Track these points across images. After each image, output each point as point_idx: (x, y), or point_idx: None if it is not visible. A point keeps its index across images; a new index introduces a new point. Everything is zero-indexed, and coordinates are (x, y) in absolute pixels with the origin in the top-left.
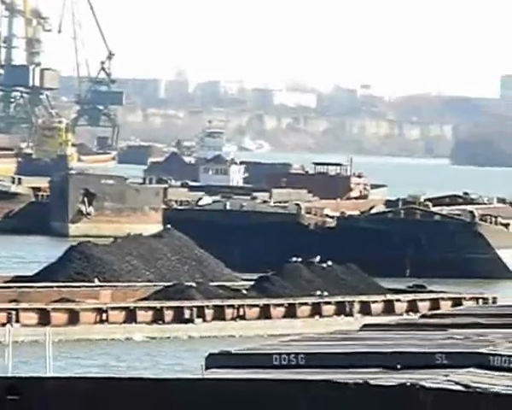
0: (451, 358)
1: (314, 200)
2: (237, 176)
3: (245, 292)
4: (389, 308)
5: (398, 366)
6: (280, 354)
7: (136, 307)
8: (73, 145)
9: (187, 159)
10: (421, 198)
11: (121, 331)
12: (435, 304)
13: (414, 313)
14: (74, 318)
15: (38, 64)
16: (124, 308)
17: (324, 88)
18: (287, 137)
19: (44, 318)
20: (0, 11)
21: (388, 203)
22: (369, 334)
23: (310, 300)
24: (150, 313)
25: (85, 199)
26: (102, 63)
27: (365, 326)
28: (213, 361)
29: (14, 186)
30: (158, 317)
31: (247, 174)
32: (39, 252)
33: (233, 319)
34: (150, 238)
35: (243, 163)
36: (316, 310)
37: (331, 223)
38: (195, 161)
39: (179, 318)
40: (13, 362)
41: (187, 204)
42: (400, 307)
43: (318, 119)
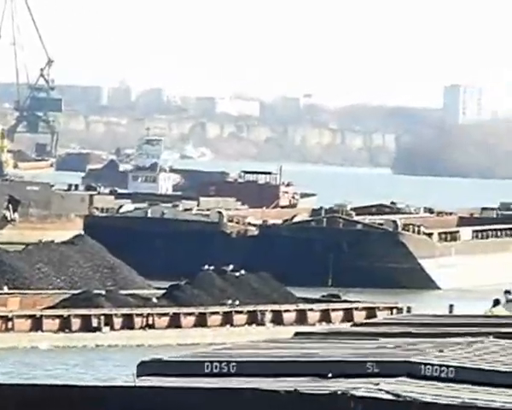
0: (382, 367)
1: (243, 208)
2: (166, 184)
3: (155, 301)
4: (302, 318)
5: (329, 375)
6: (211, 362)
7: (42, 316)
8: (10, 152)
9: (122, 166)
10: (347, 207)
11: (27, 340)
12: (348, 314)
13: (326, 323)
14: None
15: None
16: (30, 316)
17: (267, 97)
18: (229, 145)
19: None
20: None
21: (313, 212)
22: (301, 342)
23: (221, 309)
24: (57, 322)
25: (10, 205)
26: (42, 70)
27: (297, 334)
28: (145, 369)
29: None
30: (65, 325)
31: (184, 182)
32: None
33: (142, 328)
34: (62, 245)
35: (180, 171)
36: (227, 319)
37: (253, 231)
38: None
39: (87, 326)
40: None
41: (108, 211)
42: (313, 317)
43: (261, 127)
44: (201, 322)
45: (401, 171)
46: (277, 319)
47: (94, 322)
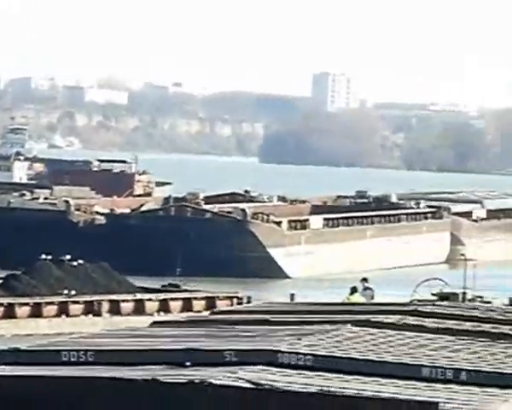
0: (241, 355)
1: (97, 197)
2: (21, 172)
3: None
4: (140, 308)
5: (187, 363)
6: (69, 351)
7: None
8: None
9: None
10: (199, 195)
11: None
12: (188, 304)
13: (165, 313)
14: None
15: None
16: None
17: (136, 85)
18: (97, 134)
19: None
20: None
21: (165, 201)
22: (159, 331)
23: (56, 299)
24: None
25: None
26: None
27: (155, 323)
28: (1, 358)
29: None
30: None
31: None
32: None
33: None
34: None
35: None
36: (63, 309)
37: (101, 220)
38: None
39: None
40: None
41: None
42: (151, 307)
43: (129, 116)
44: (36, 312)
45: (268, 159)
46: (114, 310)
47: None
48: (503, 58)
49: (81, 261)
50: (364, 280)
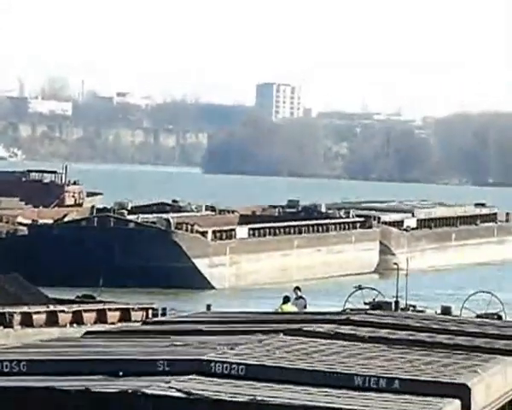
0: (173, 365)
1: (26, 207)
2: None
3: None
4: (52, 319)
5: (120, 373)
6: (2, 361)
7: None
8: None
9: None
10: (127, 205)
11: None
12: (102, 315)
13: (78, 325)
14: None
15: None
16: None
17: (80, 96)
18: (42, 145)
19: None
20: None
21: (90, 211)
22: (92, 341)
23: None
24: None
25: None
26: None
27: (88, 333)
28: None
29: None
30: None
31: None
32: None
33: None
34: None
35: None
36: None
37: (23, 231)
38: None
39: None
40: None
41: None
42: (64, 319)
43: (74, 127)
44: None
45: (211, 169)
46: (26, 321)
47: None
48: (449, 66)
49: None
50: (297, 289)
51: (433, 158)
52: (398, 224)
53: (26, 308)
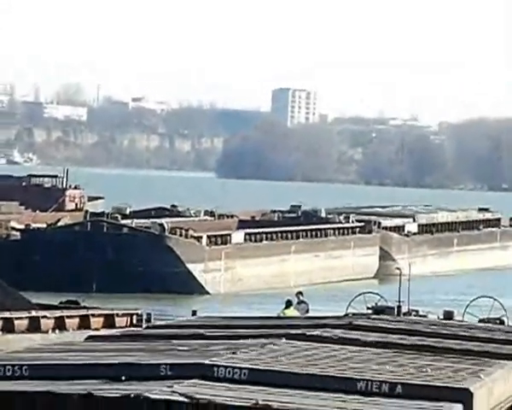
0: (176, 369)
1: (25, 212)
2: None
3: None
4: (35, 325)
5: (122, 378)
6: (4, 366)
7: None
8: None
9: None
10: (126, 210)
11: None
12: (85, 321)
13: (61, 331)
14: None
15: None
16: None
17: (96, 101)
18: (56, 150)
19: None
20: None
21: (92, 216)
22: (94, 345)
23: None
24: None
25: None
26: None
27: (90, 337)
28: None
29: None
30: None
31: None
32: None
33: None
34: None
35: None
36: None
37: (16, 236)
38: None
39: None
40: None
41: None
42: (47, 324)
43: (89, 132)
44: None
45: (225, 174)
46: (8, 327)
47: None
48: (464, 73)
49: None
50: (300, 294)
51: (448, 163)
52: (398, 229)
53: (8, 314)
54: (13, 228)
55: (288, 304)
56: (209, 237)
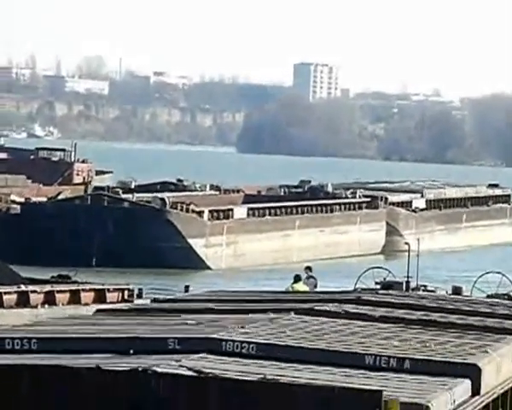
0: (184, 343)
1: (32, 186)
2: None
3: None
4: (24, 300)
5: (131, 351)
6: (13, 339)
7: None
8: None
9: None
10: (131, 184)
11: None
12: (75, 296)
13: (50, 306)
14: None
15: None
16: None
17: (117, 74)
18: (78, 124)
19: None
20: None
21: (85, 189)
22: (102, 319)
23: None
24: None
25: None
26: None
27: (99, 311)
28: None
29: None
30: None
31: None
32: None
33: None
34: None
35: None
36: None
37: (16, 209)
38: None
39: None
40: None
41: None
42: (36, 299)
43: (110, 106)
44: None
45: (245, 149)
46: None
47: None
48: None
49: None
50: (308, 269)
51: (469, 139)
52: (406, 204)
53: None
54: (13, 201)
55: (297, 279)
56: (211, 212)
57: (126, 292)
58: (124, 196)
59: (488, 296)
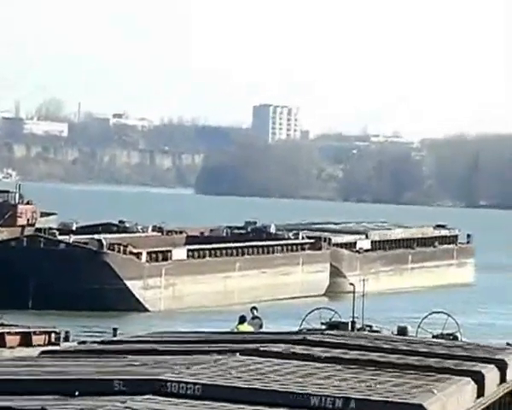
0: (129, 384)
1: None
2: None
3: None
4: None
5: (76, 393)
6: None
7: None
8: None
9: None
10: (73, 226)
11: None
12: (0, 339)
13: None
14: None
15: None
16: None
17: (77, 117)
18: (36, 166)
19: None
20: None
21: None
22: (48, 360)
23: None
24: None
25: None
26: None
27: (44, 353)
28: None
29: None
30: None
31: None
32: None
33: None
34: None
35: None
36: None
37: None
38: None
39: None
40: None
41: None
42: None
43: (69, 148)
44: None
45: (204, 190)
46: None
47: None
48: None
49: None
50: (254, 309)
51: (427, 180)
52: (350, 245)
53: None
54: None
55: (242, 320)
56: (149, 254)
57: (53, 335)
58: (60, 238)
59: (434, 337)
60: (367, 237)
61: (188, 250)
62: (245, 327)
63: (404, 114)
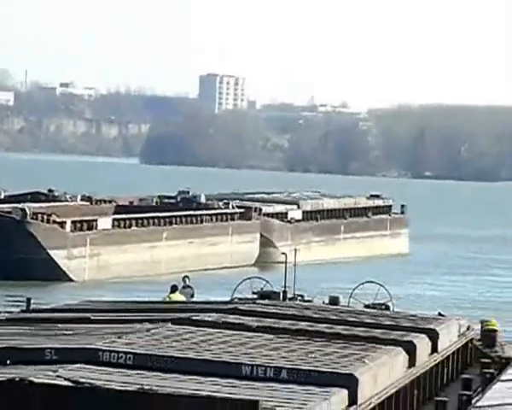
0: (61, 353)
1: None
2: None
3: None
4: None
5: (8, 362)
6: None
7: None
8: None
9: None
10: (1, 195)
11: None
12: None
13: None
14: None
15: None
16: None
17: (23, 86)
18: None
19: None
20: None
21: None
22: None
23: None
24: None
25: None
26: None
27: None
28: None
29: None
30: None
31: None
32: None
33: None
34: None
35: None
36: None
37: None
38: None
39: None
40: None
41: None
42: None
43: (15, 117)
44: None
45: (149, 160)
46: None
47: None
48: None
49: None
50: (186, 277)
51: (373, 151)
52: (281, 216)
53: None
54: None
55: (174, 289)
56: (74, 223)
57: None
58: None
59: (366, 306)
60: (299, 207)
61: (113, 219)
62: (177, 296)
63: (352, 85)
